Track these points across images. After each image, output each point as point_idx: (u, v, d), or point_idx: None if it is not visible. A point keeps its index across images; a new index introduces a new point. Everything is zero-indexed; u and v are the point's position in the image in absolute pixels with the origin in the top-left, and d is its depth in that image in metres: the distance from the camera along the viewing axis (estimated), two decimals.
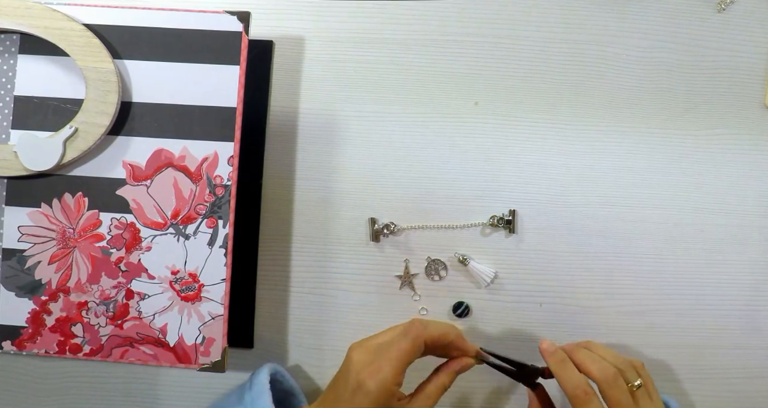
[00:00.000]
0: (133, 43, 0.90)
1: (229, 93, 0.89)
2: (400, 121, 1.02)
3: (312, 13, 1.03)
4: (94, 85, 0.87)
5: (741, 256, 1.00)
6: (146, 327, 0.90)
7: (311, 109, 1.02)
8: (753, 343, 1.00)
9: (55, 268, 0.90)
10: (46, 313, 0.90)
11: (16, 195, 0.90)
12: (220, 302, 0.89)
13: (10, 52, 0.90)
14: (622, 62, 1.03)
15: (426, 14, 1.03)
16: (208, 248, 0.89)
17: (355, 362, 0.83)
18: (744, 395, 0.99)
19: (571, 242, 1.01)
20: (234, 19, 0.89)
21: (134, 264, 0.90)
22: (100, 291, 0.90)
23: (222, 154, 0.89)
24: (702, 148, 1.01)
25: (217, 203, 0.89)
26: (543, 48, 1.03)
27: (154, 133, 0.90)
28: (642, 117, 1.02)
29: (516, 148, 1.02)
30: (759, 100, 1.02)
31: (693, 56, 1.03)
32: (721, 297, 1.00)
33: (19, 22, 0.87)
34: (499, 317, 1.01)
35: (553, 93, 1.02)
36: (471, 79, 1.03)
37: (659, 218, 1.01)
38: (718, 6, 1.03)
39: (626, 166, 1.01)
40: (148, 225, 0.90)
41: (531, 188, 1.01)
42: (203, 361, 0.90)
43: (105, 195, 0.90)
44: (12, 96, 0.90)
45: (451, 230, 1.01)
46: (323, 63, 1.03)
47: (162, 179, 0.90)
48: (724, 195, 1.01)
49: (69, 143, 0.87)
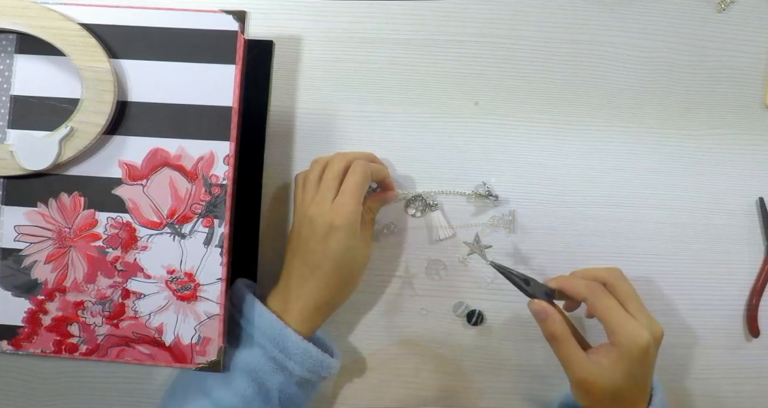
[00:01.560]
0: (129, 43, 0.90)
1: (225, 92, 0.89)
2: (400, 121, 1.02)
3: (312, 13, 1.03)
4: (91, 84, 0.87)
5: (741, 256, 1.00)
6: (143, 326, 0.90)
7: (311, 108, 1.02)
8: (752, 343, 1.00)
9: (52, 267, 0.90)
10: (43, 312, 0.90)
11: (13, 194, 0.90)
12: (217, 302, 0.89)
13: (7, 51, 0.90)
14: (622, 62, 1.02)
15: (426, 14, 1.03)
16: (205, 248, 0.89)
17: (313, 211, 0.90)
18: (744, 395, 0.99)
19: (571, 242, 1.00)
20: (231, 18, 0.89)
21: (131, 263, 0.90)
22: (97, 290, 0.90)
23: (218, 153, 0.89)
24: (702, 148, 1.01)
25: (214, 202, 0.89)
26: (543, 48, 1.03)
27: (151, 133, 0.89)
28: (642, 117, 1.02)
29: (516, 148, 1.02)
30: (759, 100, 1.02)
31: (693, 56, 1.02)
32: (721, 297, 1.00)
33: (16, 21, 0.87)
34: (499, 317, 1.00)
35: (553, 93, 1.02)
36: (471, 79, 1.03)
37: (659, 218, 1.00)
38: (718, 6, 1.02)
39: (626, 166, 1.01)
40: (144, 224, 0.90)
41: (531, 188, 1.01)
42: (200, 360, 0.90)
43: (101, 194, 0.90)
44: (9, 96, 0.90)
45: None
46: (323, 63, 1.03)
47: (158, 179, 0.90)
48: (724, 195, 1.01)
49: (66, 143, 0.87)
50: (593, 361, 0.84)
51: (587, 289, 0.86)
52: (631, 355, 0.82)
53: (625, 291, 0.86)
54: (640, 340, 0.81)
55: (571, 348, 0.85)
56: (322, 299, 0.90)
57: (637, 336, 0.82)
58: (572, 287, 0.88)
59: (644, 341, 0.81)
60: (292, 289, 0.91)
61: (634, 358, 0.82)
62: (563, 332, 0.86)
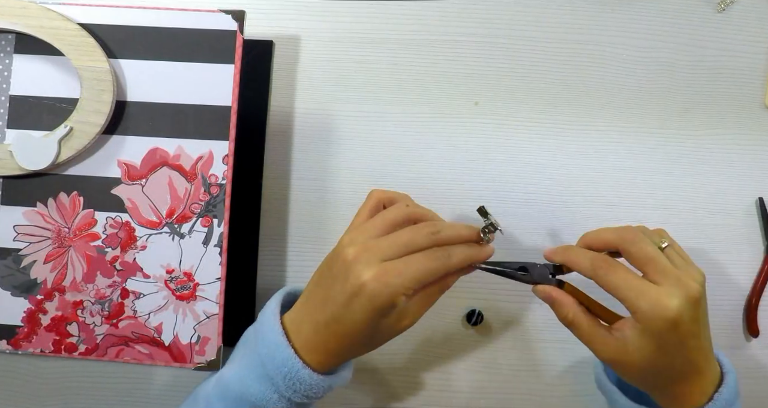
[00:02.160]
0: (128, 43, 0.90)
1: (224, 92, 0.89)
2: (400, 121, 1.02)
3: (312, 13, 1.03)
4: (89, 84, 0.87)
5: (741, 256, 1.00)
6: (141, 326, 0.90)
7: (311, 108, 1.02)
8: (752, 343, 1.00)
9: (51, 267, 0.90)
10: (42, 312, 0.90)
11: (11, 194, 0.90)
12: (215, 301, 0.89)
13: (6, 51, 0.90)
14: (622, 62, 1.02)
15: (426, 14, 1.03)
16: (203, 247, 0.89)
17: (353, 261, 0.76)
18: (744, 395, 0.98)
19: (571, 242, 1.00)
20: (229, 17, 0.89)
21: (129, 263, 0.90)
22: (96, 290, 0.90)
23: (217, 153, 0.89)
24: (702, 148, 1.01)
25: (212, 202, 0.89)
26: (543, 48, 1.03)
27: (149, 132, 0.90)
28: (642, 117, 1.01)
29: (516, 148, 1.01)
30: (759, 100, 1.01)
31: (693, 56, 1.02)
32: (720, 297, 0.99)
33: (14, 21, 0.87)
34: (499, 318, 1.00)
35: (552, 93, 1.02)
36: (471, 79, 1.02)
37: (659, 218, 1.00)
38: (718, 6, 1.02)
39: (626, 166, 1.01)
40: (143, 224, 0.90)
41: (531, 188, 1.01)
42: (198, 360, 0.90)
43: (100, 194, 0.90)
44: (7, 95, 0.90)
45: None
46: (323, 63, 1.03)
47: (157, 178, 0.90)
48: (724, 195, 1.00)
49: (64, 142, 0.87)
50: (618, 338, 0.75)
51: (591, 265, 0.78)
52: (657, 329, 0.72)
53: (644, 253, 0.76)
54: (665, 311, 0.72)
55: (590, 329, 0.78)
56: (335, 350, 0.79)
57: (660, 307, 0.72)
58: (574, 263, 0.80)
59: (670, 312, 0.72)
60: (305, 324, 0.80)
61: (663, 332, 0.72)
62: (576, 314, 0.78)
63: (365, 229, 0.79)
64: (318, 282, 0.81)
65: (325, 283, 0.79)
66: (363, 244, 0.77)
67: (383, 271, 0.74)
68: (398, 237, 0.77)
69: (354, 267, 0.75)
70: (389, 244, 0.77)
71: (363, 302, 0.74)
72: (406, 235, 0.78)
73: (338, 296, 0.76)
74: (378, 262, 0.75)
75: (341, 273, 0.76)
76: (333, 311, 0.77)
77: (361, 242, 0.77)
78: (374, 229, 0.79)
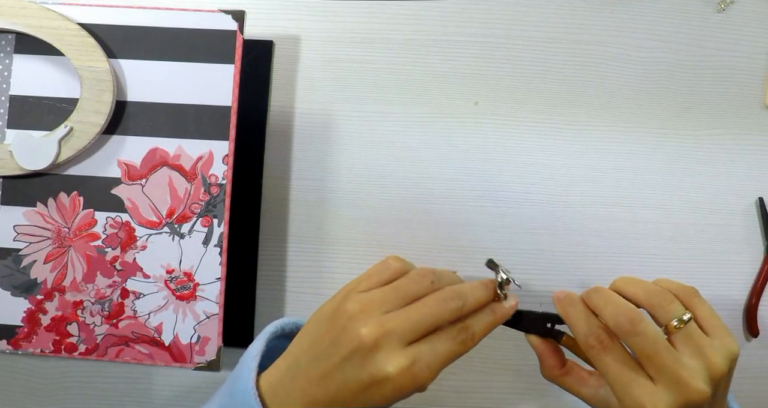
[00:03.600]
0: (128, 43, 0.90)
1: (224, 92, 0.89)
2: (400, 121, 1.02)
3: (312, 13, 1.03)
4: (89, 84, 0.87)
5: (741, 256, 1.00)
6: (141, 326, 0.90)
7: (311, 108, 1.02)
8: (752, 343, 1.00)
9: (51, 267, 0.90)
10: (42, 312, 0.90)
11: (11, 194, 0.90)
12: (215, 301, 0.89)
13: (6, 51, 0.90)
14: (622, 62, 1.02)
15: (426, 14, 1.03)
16: (203, 247, 0.89)
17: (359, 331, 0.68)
18: (744, 395, 0.99)
19: (571, 242, 1.00)
20: (229, 17, 0.90)
21: (129, 263, 0.90)
22: (96, 290, 0.90)
23: (217, 153, 0.89)
24: (702, 148, 1.01)
25: (212, 202, 0.89)
26: (543, 48, 1.03)
27: (149, 132, 0.90)
28: (642, 117, 1.01)
29: (516, 148, 1.01)
30: (759, 100, 1.01)
31: (693, 56, 1.02)
32: (720, 297, 0.99)
33: (14, 21, 0.88)
34: None
35: (553, 93, 1.02)
36: (471, 79, 1.02)
37: (659, 218, 1.00)
38: (718, 6, 1.02)
39: (626, 166, 1.01)
40: (143, 224, 0.90)
41: (531, 188, 1.01)
42: (198, 360, 0.90)
43: (100, 194, 0.90)
44: (7, 95, 0.90)
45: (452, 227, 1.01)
46: (323, 63, 1.03)
47: (157, 178, 0.90)
48: (724, 195, 1.00)
49: (64, 142, 0.87)
50: (603, 397, 0.74)
51: (584, 339, 0.73)
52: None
53: (640, 348, 0.68)
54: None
55: (573, 383, 0.77)
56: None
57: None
58: (570, 325, 0.75)
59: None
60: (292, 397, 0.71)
61: None
62: (558, 373, 0.78)
63: (379, 300, 0.72)
64: (316, 355, 0.72)
65: (327, 359, 0.70)
66: (381, 325, 0.69)
67: (411, 362, 0.67)
68: (423, 318, 0.70)
69: (374, 356, 0.67)
70: (412, 328, 0.69)
71: (385, 393, 0.68)
72: (431, 313, 0.70)
73: (351, 383, 0.68)
74: (401, 348, 0.68)
75: (356, 356, 0.68)
76: (341, 394, 0.69)
77: (377, 321, 0.69)
78: (388, 302, 0.71)
